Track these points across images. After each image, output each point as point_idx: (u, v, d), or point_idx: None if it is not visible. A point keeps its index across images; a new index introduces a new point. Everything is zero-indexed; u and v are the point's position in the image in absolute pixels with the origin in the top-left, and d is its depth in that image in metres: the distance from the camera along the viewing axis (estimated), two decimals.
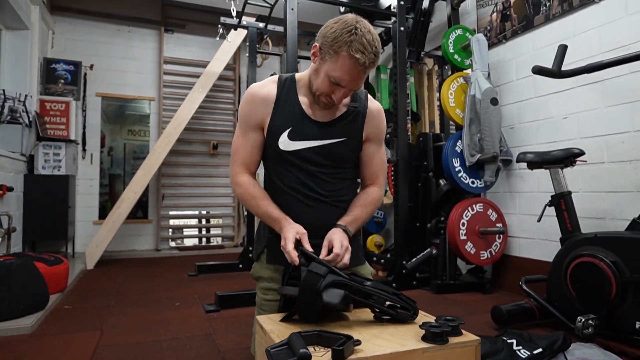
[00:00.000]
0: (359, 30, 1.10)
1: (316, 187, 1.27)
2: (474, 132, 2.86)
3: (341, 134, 1.28)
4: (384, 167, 1.41)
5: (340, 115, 1.28)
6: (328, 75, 1.15)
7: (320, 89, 1.19)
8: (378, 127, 1.34)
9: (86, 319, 2.29)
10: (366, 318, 1.14)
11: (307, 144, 1.26)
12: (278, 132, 1.25)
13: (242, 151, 1.30)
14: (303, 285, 1.05)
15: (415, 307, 1.10)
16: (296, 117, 1.25)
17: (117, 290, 2.96)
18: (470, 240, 2.77)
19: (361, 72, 1.13)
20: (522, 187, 2.87)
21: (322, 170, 1.28)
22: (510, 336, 1.72)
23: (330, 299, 1.03)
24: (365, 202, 1.32)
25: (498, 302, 2.61)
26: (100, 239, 3.88)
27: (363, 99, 1.33)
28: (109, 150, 5.65)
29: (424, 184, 3.32)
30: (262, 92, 1.27)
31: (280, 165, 1.29)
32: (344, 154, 1.30)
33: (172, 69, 4.99)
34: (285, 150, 1.25)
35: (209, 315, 2.35)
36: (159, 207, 4.88)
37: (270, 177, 1.34)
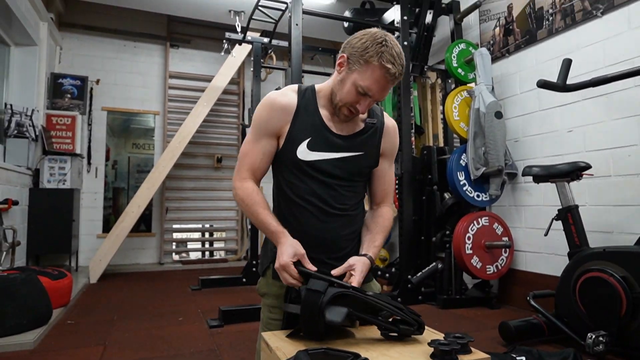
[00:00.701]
0: (389, 42, 1.12)
1: (331, 200, 1.26)
2: (478, 145, 2.85)
3: (360, 148, 1.28)
4: (393, 185, 1.43)
5: (360, 130, 1.29)
6: (356, 84, 1.15)
7: (344, 99, 1.19)
8: (393, 143, 1.35)
9: (89, 334, 2.27)
10: (373, 335, 1.12)
11: (326, 156, 1.25)
12: (297, 141, 1.24)
13: (251, 156, 1.27)
14: (304, 305, 1.04)
15: (420, 322, 1.08)
16: (316, 127, 1.25)
17: (120, 305, 2.94)
18: (476, 255, 2.74)
19: (389, 83, 1.14)
20: (527, 201, 2.85)
21: (338, 182, 1.27)
22: (519, 353, 1.69)
23: (333, 318, 1.01)
24: (384, 227, 1.32)
25: (505, 317, 2.57)
26: (103, 253, 3.87)
27: (379, 114, 1.34)
28: (113, 164, 5.67)
29: (428, 198, 3.30)
30: (282, 100, 1.26)
31: (294, 176, 1.27)
32: (362, 168, 1.30)
33: (177, 84, 5.04)
34: (303, 159, 1.24)
35: (213, 330, 2.33)
36: (163, 221, 4.88)
37: (281, 187, 1.31)
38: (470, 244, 2.73)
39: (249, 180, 1.28)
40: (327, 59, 4.83)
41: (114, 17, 4.84)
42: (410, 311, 1.08)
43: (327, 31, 4.87)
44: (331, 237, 1.21)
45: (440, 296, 2.82)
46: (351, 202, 1.30)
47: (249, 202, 1.25)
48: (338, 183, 1.26)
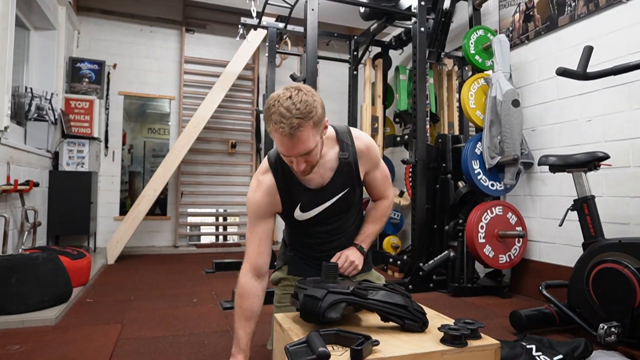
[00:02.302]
0: (277, 101, 1.13)
1: (334, 231, 1.42)
2: (494, 134, 2.82)
3: (342, 187, 1.37)
4: (389, 180, 1.51)
5: (335, 172, 1.35)
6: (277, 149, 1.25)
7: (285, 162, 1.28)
8: (371, 158, 1.41)
9: (107, 312, 2.34)
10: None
11: (318, 210, 1.37)
12: (291, 210, 1.37)
13: (250, 247, 1.37)
14: (302, 310, 1.08)
15: (424, 319, 1.09)
16: (300, 191, 1.35)
17: (136, 285, 3.02)
18: (489, 244, 2.73)
19: (291, 139, 1.14)
20: (543, 191, 2.82)
21: (336, 218, 1.41)
22: (529, 341, 1.69)
23: (332, 315, 1.05)
24: (376, 217, 1.49)
25: (516, 306, 2.57)
26: (120, 235, 3.97)
27: (350, 143, 1.37)
28: (130, 148, 5.79)
29: (442, 186, 3.28)
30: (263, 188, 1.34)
31: (298, 227, 1.44)
32: (352, 200, 1.42)
33: (193, 69, 5.07)
34: (299, 220, 1.39)
35: (226, 312, 2.38)
36: (178, 205, 4.96)
37: (292, 231, 1.49)
38: (483, 233, 2.72)
39: (247, 274, 1.36)
40: (343, 44, 4.79)
41: (130, 2, 4.86)
42: (415, 308, 1.09)
43: (343, 16, 4.82)
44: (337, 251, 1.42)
45: (451, 284, 2.83)
46: (351, 221, 1.45)
47: (237, 304, 1.36)
48: (336, 218, 1.40)
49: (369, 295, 1.08)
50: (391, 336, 1.05)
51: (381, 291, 1.11)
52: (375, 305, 1.08)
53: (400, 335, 1.06)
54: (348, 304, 1.07)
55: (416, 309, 1.09)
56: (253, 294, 1.34)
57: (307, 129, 1.13)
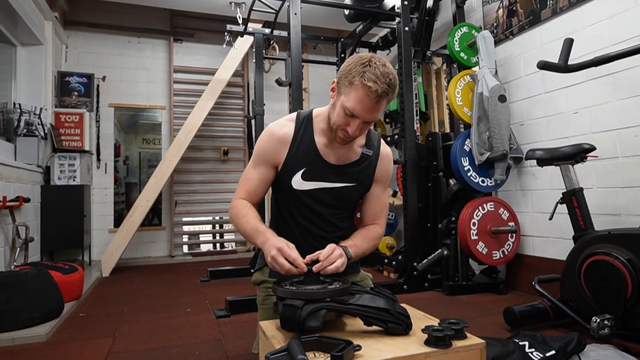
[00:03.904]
0: (373, 62, 1.13)
1: (323, 224, 1.34)
2: (482, 130, 2.82)
3: (353, 179, 1.32)
4: (386, 209, 1.46)
5: (354, 160, 1.32)
6: (343, 106, 1.18)
7: (336, 122, 1.22)
8: (387, 170, 1.39)
9: (100, 326, 2.32)
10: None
11: (320, 185, 1.31)
12: (292, 171, 1.30)
13: (249, 182, 1.34)
14: (282, 320, 1.05)
15: (408, 322, 1.07)
16: (311, 157, 1.29)
17: (130, 297, 3.00)
18: (481, 240, 2.72)
19: (374, 102, 1.13)
20: (533, 185, 2.81)
21: (330, 211, 1.34)
22: (522, 338, 1.68)
23: (312, 324, 1.03)
24: (367, 236, 1.35)
25: (512, 302, 2.56)
26: (114, 247, 3.95)
27: (376, 145, 1.36)
28: (125, 160, 5.78)
29: (434, 184, 3.27)
30: (279, 132, 1.31)
31: (290, 202, 1.34)
32: (353, 198, 1.37)
33: (182, 78, 5.06)
34: (297, 189, 1.30)
35: (219, 320, 2.37)
36: (172, 214, 4.94)
37: (280, 211, 1.39)
38: (475, 230, 2.71)
39: (243, 200, 1.34)
40: (330, 47, 4.79)
41: (117, 14, 4.86)
42: (398, 311, 1.07)
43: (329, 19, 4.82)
44: None
45: (446, 283, 2.82)
46: (342, 226, 1.38)
47: (239, 214, 1.31)
48: (329, 211, 1.34)
49: (350, 300, 1.07)
50: (374, 340, 1.04)
51: (364, 295, 1.09)
52: (356, 310, 1.06)
53: (383, 339, 1.04)
54: (329, 310, 1.06)
55: (399, 312, 1.08)
56: (252, 207, 1.31)
57: (387, 101, 1.16)
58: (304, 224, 1.34)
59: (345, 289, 1.10)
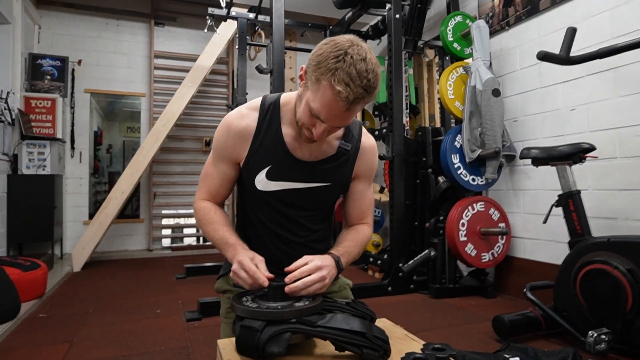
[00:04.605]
0: (349, 57, 0.89)
1: (294, 229, 1.16)
2: (474, 125, 2.67)
3: (327, 178, 1.14)
4: (372, 206, 1.27)
5: (329, 156, 1.13)
6: (308, 105, 0.97)
7: (301, 119, 1.02)
8: (370, 165, 1.20)
9: (59, 329, 2.14)
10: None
11: (288, 185, 1.12)
12: (255, 170, 1.11)
13: (210, 180, 1.16)
14: (239, 344, 0.89)
15: (386, 347, 0.92)
16: (277, 153, 1.10)
17: (98, 296, 2.82)
18: (470, 242, 2.59)
19: (343, 109, 0.92)
20: (526, 185, 2.68)
21: (300, 213, 1.15)
22: (512, 352, 1.55)
23: (274, 349, 0.87)
24: (357, 239, 1.17)
25: (501, 307, 2.44)
26: (86, 241, 3.74)
27: (356, 137, 1.17)
28: (108, 148, 5.59)
29: (422, 181, 3.13)
30: (239, 124, 1.11)
31: (255, 203, 1.16)
32: (328, 199, 1.18)
33: (163, 64, 4.83)
34: (262, 190, 1.12)
35: (190, 324, 2.20)
36: (151, 206, 4.74)
37: (245, 212, 1.21)
38: (464, 231, 2.58)
39: (206, 201, 1.16)
40: (318, 35, 4.60)
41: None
42: (375, 335, 0.92)
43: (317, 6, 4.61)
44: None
45: (432, 285, 2.69)
46: (316, 228, 1.19)
47: (205, 221, 1.13)
48: (300, 214, 1.16)
49: (319, 322, 0.91)
50: None
51: (336, 315, 0.93)
52: (326, 334, 0.90)
53: None
54: (294, 332, 0.90)
55: (376, 336, 0.92)
56: (219, 210, 1.15)
57: (363, 104, 0.94)
58: (272, 227, 1.16)
59: (315, 308, 0.94)
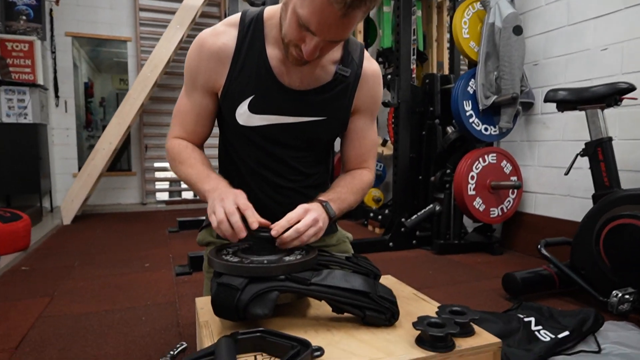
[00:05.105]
0: None
1: (283, 172, 0.99)
2: (490, 69, 2.43)
3: (322, 111, 0.94)
4: (376, 147, 1.08)
5: (324, 84, 0.92)
6: (295, 12, 0.75)
7: (287, 35, 0.81)
8: (373, 95, 0.99)
9: (40, 282, 2.01)
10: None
11: (274, 120, 0.93)
12: (235, 100, 0.91)
13: (184, 116, 0.97)
14: (215, 305, 0.73)
15: (394, 309, 0.76)
16: (261, 79, 0.90)
17: (86, 249, 2.69)
18: (479, 196, 2.42)
19: (339, 14, 0.71)
20: (543, 135, 2.48)
21: (290, 154, 0.97)
22: (526, 312, 1.41)
23: (258, 311, 0.71)
24: (353, 185, 0.99)
25: (508, 264, 2.31)
26: (75, 193, 3.58)
27: (356, 61, 0.95)
28: (101, 101, 5.40)
29: (428, 133, 2.92)
30: (214, 43, 0.90)
31: (238, 142, 0.98)
32: (323, 137, 0.99)
33: (150, 5, 4.44)
34: (244, 125, 0.93)
35: (179, 278, 2.07)
36: (143, 159, 4.55)
37: (227, 151, 1.03)
38: (473, 184, 2.40)
39: (181, 140, 0.97)
40: None
41: None
42: (380, 295, 0.76)
43: None
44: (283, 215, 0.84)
45: (436, 241, 2.55)
46: (310, 171, 1.01)
47: (178, 159, 0.93)
48: (291, 154, 0.98)
49: (313, 279, 0.74)
50: (345, 335, 0.72)
51: (335, 271, 0.77)
52: (322, 294, 0.74)
53: (358, 333, 0.73)
54: (282, 292, 0.73)
55: (382, 296, 0.76)
56: (196, 149, 0.98)
57: (364, 12, 0.73)
58: (258, 170, 0.98)
59: (308, 262, 0.77)
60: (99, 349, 1.31)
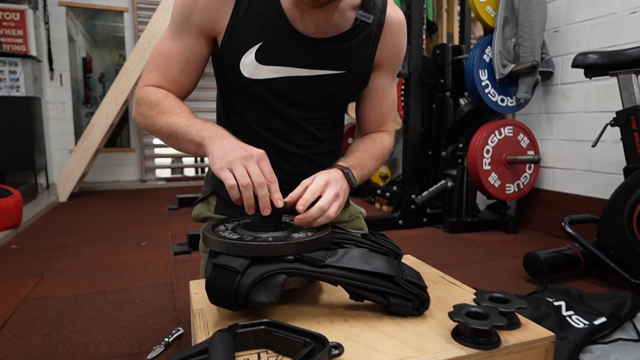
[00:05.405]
0: None
1: (293, 136, 0.85)
2: (508, 35, 2.25)
3: (340, 64, 0.80)
4: (395, 109, 0.94)
5: (343, 32, 0.78)
6: None
7: None
8: (397, 47, 0.85)
9: (30, 261, 1.91)
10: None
11: (286, 72, 0.78)
12: (240, 47, 0.77)
13: (167, 61, 0.79)
14: (210, 290, 0.60)
15: (424, 296, 0.64)
16: (271, 24, 0.76)
17: (81, 227, 2.58)
18: (495, 171, 2.29)
19: None
20: (563, 107, 2.32)
21: (303, 114, 0.84)
22: (554, 295, 1.30)
23: (261, 299, 0.58)
24: (374, 150, 0.86)
25: (524, 243, 2.20)
26: (71, 169, 3.46)
27: (379, 6, 0.81)
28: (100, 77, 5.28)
29: (439, 106, 2.76)
30: None
31: (241, 99, 0.83)
32: (340, 95, 0.85)
33: None
34: (250, 78, 0.78)
35: (177, 258, 1.97)
36: (142, 134, 4.41)
37: (226, 112, 0.88)
38: (488, 159, 2.26)
39: (159, 88, 0.79)
40: None
41: None
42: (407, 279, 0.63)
43: None
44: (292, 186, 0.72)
45: (448, 219, 2.42)
46: (324, 134, 0.88)
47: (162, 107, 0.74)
48: (304, 114, 0.84)
49: (328, 260, 0.61)
50: (366, 328, 0.60)
51: (351, 251, 0.64)
52: (338, 278, 0.62)
53: (381, 325, 0.61)
54: (290, 275, 0.61)
55: (410, 280, 0.63)
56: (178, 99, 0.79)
57: None
58: (264, 134, 0.84)
59: (321, 240, 0.65)
60: (87, 334, 1.21)
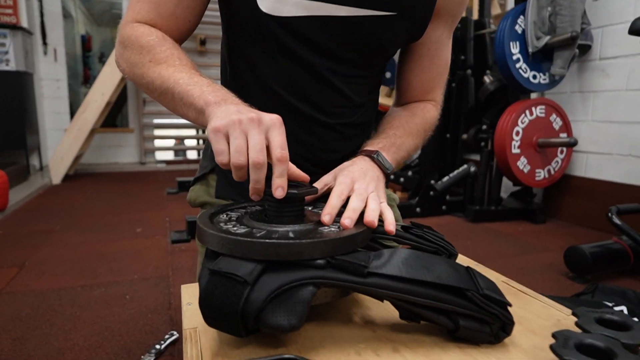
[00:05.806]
0: None
1: (323, 98, 0.62)
2: (543, 3, 2.02)
3: (391, 3, 0.58)
4: (447, 73, 0.72)
5: None
6: None
7: None
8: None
9: (12, 249, 1.74)
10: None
11: (317, 9, 0.56)
12: None
13: None
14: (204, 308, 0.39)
15: (506, 317, 0.43)
16: None
17: (72, 211, 2.41)
18: (524, 155, 2.08)
19: None
20: (601, 85, 2.10)
21: (338, 68, 0.61)
22: (609, 298, 1.11)
23: (280, 322, 0.38)
24: (414, 125, 0.67)
25: (555, 235, 2.01)
26: (65, 149, 3.28)
27: None
28: (101, 56, 5.13)
29: (459, 84, 2.54)
30: None
31: (256, 49, 0.61)
32: (388, 44, 0.62)
33: None
34: (269, 14, 0.57)
35: (174, 247, 1.79)
36: (141, 114, 4.21)
37: (233, 65, 0.65)
38: (518, 141, 2.05)
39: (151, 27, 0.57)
40: None
41: None
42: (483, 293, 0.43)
43: None
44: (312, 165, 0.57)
45: (470, 207, 2.22)
46: (361, 99, 0.66)
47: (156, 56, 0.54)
48: (339, 69, 0.61)
49: (372, 264, 0.42)
50: None
51: (399, 251, 0.44)
52: (387, 291, 0.42)
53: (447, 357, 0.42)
54: (318, 286, 0.41)
55: (487, 294, 0.43)
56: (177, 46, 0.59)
57: None
58: (283, 94, 0.62)
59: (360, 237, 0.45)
60: (65, 338, 1.03)
